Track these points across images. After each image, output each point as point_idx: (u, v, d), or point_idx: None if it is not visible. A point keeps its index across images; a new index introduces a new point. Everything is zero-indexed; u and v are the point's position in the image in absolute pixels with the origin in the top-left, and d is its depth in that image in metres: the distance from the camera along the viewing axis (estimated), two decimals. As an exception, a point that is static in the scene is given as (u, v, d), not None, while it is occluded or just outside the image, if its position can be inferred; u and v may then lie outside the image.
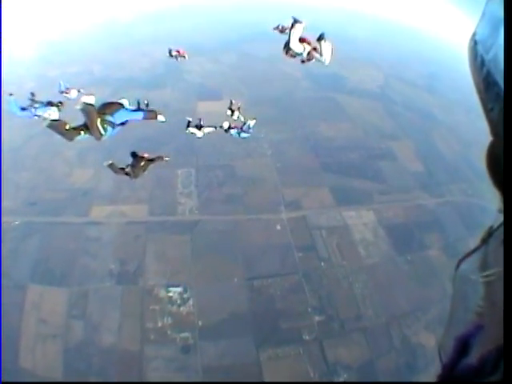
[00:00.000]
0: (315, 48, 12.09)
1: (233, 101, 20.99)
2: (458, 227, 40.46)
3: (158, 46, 57.34)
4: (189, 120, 19.32)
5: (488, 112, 1.85)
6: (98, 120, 9.76)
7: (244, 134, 19.96)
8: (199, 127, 19.20)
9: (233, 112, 20.53)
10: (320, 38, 12.07)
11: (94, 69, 67.29)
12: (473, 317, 1.94)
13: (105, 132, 10.00)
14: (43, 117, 12.86)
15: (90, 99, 9.71)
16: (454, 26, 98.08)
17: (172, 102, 54.54)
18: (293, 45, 11.61)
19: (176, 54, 25.89)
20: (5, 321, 28.89)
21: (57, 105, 13.84)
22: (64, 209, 39.47)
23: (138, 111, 11.26)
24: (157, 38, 74.48)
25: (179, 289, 33.10)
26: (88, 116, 9.69)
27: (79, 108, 9.56)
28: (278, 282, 34.14)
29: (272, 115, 53.70)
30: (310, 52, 12.04)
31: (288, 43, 11.68)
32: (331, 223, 39.69)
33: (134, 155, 14.58)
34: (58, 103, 13.99)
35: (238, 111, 20.57)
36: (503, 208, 1.77)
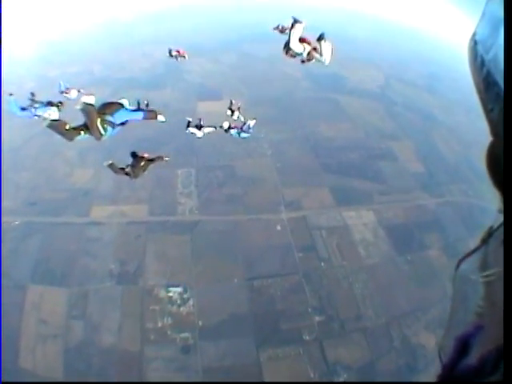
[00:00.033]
0: (315, 48, 12.09)
1: (233, 101, 21.01)
2: (458, 227, 40.45)
3: (158, 46, 57.47)
4: (189, 120, 19.34)
5: (488, 112, 1.85)
6: (98, 120, 9.76)
7: (244, 134, 19.97)
8: (199, 127, 19.21)
9: (233, 112, 20.55)
10: (320, 38, 12.07)
11: (94, 69, 67.32)
12: (473, 317, 1.94)
13: (105, 132, 10.00)
14: (43, 117, 12.85)
15: (90, 99, 9.71)
16: (454, 26, 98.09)
17: (172, 102, 54.54)
18: (293, 45, 11.60)
19: (176, 54, 25.92)
20: (5, 321, 28.86)
21: (57, 105, 13.83)
22: (64, 209, 39.47)
23: (138, 111, 11.26)
24: (157, 39, 74.46)
25: (179, 289, 33.09)
26: (88, 116, 9.69)
27: (79, 108, 9.56)
28: (278, 283, 34.12)
29: (272, 115, 53.70)
30: (310, 52, 12.04)
31: (288, 43, 11.68)
32: (331, 223, 39.68)
33: (134, 155, 14.58)
34: (58, 103, 13.97)
35: (238, 111, 20.59)
36: (503, 208, 1.78)
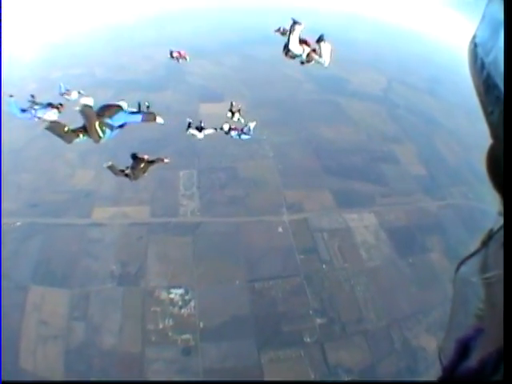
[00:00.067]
0: (315, 50, 12.09)
1: (233, 103, 21.03)
2: (460, 230, 40.31)
3: (160, 49, 57.45)
4: (189, 122, 19.35)
5: (488, 115, 1.85)
6: (97, 122, 9.80)
7: (244, 136, 19.99)
8: (200, 129, 19.22)
9: (233, 114, 20.56)
10: (319, 40, 12.07)
11: (96, 71, 67.39)
12: (473, 319, 1.95)
13: (103, 134, 10.04)
14: (43, 119, 12.86)
15: (89, 101, 9.75)
16: (455, 29, 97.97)
17: (174, 104, 54.55)
18: (292, 46, 11.61)
19: (177, 56, 25.92)
20: (6, 322, 28.86)
21: (57, 107, 13.83)
22: (66, 210, 39.48)
23: (137, 114, 11.30)
24: (159, 41, 74.19)
25: (181, 290, 33.06)
26: (87, 118, 9.74)
27: (78, 109, 9.61)
28: (280, 285, 34.07)
29: (274, 117, 53.79)
30: (310, 53, 12.04)
31: (287, 45, 11.69)
32: (333, 226, 39.62)
33: (134, 157, 14.58)
34: (58, 105, 13.98)
35: (239, 113, 20.60)
36: (503, 211, 1.78)
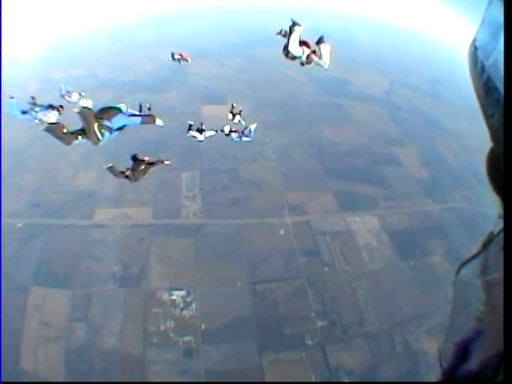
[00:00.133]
0: (314, 51, 12.06)
1: (234, 104, 21.00)
2: (461, 234, 40.30)
3: (163, 50, 57.52)
4: (190, 123, 19.31)
5: (488, 118, 1.87)
6: (96, 125, 9.82)
7: (245, 138, 19.97)
8: (200, 131, 19.20)
9: (234, 116, 20.53)
10: (319, 41, 12.05)
11: (99, 72, 67.51)
12: (473, 322, 1.95)
13: (102, 137, 10.05)
14: (43, 120, 12.83)
15: (88, 103, 9.78)
16: (456, 31, 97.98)
17: (177, 105, 54.69)
18: (291, 47, 11.57)
19: (179, 58, 25.93)
20: (7, 323, 28.85)
21: (57, 108, 13.80)
22: (68, 211, 39.47)
23: (136, 116, 11.31)
24: (162, 42, 74.24)
25: (182, 292, 33.06)
26: (85, 120, 9.76)
27: (77, 112, 9.64)
28: (282, 287, 34.06)
29: (276, 119, 53.86)
30: (309, 55, 12.01)
31: (287, 46, 11.67)
32: (335, 228, 39.61)
33: (135, 158, 14.54)
34: (59, 107, 13.95)
35: (240, 115, 20.58)
36: (503, 213, 1.79)
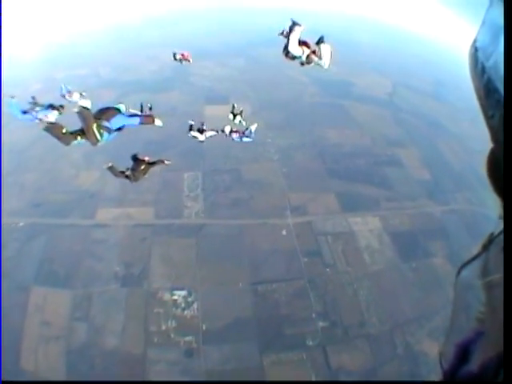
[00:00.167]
0: (314, 51, 12.04)
1: (235, 105, 21.00)
2: (463, 235, 40.34)
3: (166, 50, 57.66)
4: (191, 123, 19.27)
5: (488, 119, 1.88)
6: (95, 125, 9.83)
7: (246, 139, 19.97)
8: (201, 131, 19.17)
9: (235, 116, 20.53)
10: (319, 41, 12.03)
11: (102, 71, 67.67)
12: (474, 323, 1.95)
13: (101, 137, 10.07)
14: (43, 120, 12.78)
15: (87, 103, 9.79)
16: (459, 32, 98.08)
17: (179, 105, 54.80)
18: (291, 47, 11.57)
19: (180, 58, 25.94)
20: (8, 322, 28.90)
21: (58, 108, 13.76)
22: (70, 211, 39.52)
23: (135, 116, 11.32)
24: (165, 42, 74.23)
25: (184, 292, 33.09)
26: (84, 120, 9.77)
27: (76, 112, 9.65)
28: (283, 288, 34.09)
29: (279, 120, 54.01)
30: (309, 55, 12.00)
31: (287, 46, 11.67)
32: (337, 229, 39.67)
33: (135, 158, 14.49)
34: (59, 106, 13.90)
35: (240, 116, 20.58)
36: (503, 214, 1.80)
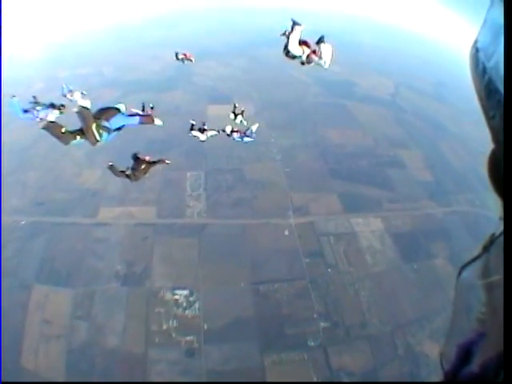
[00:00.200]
0: (315, 51, 12.03)
1: (236, 104, 21.01)
2: (465, 237, 40.33)
3: (169, 50, 57.68)
4: (192, 123, 19.25)
5: (489, 119, 1.88)
6: (94, 125, 9.83)
7: (247, 139, 19.96)
8: (202, 130, 19.16)
9: (236, 116, 20.53)
10: (319, 41, 12.02)
11: (105, 71, 67.86)
12: (475, 324, 1.95)
13: (100, 137, 10.06)
14: (43, 119, 12.76)
15: (86, 103, 9.79)
16: (462, 33, 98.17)
17: (182, 105, 54.97)
18: (291, 47, 11.56)
19: (182, 57, 25.99)
20: (9, 320, 28.94)
21: (59, 107, 13.75)
22: (72, 209, 39.57)
23: (134, 116, 11.32)
24: (168, 42, 74.33)
25: (185, 292, 33.08)
26: (84, 120, 9.77)
27: (75, 111, 9.65)
28: (285, 288, 34.08)
29: (282, 120, 54.04)
30: (309, 55, 11.98)
31: (287, 45, 11.67)
32: (339, 230, 39.67)
33: (135, 158, 14.46)
34: (60, 106, 13.89)
35: (242, 115, 20.57)
36: (503, 215, 1.81)
